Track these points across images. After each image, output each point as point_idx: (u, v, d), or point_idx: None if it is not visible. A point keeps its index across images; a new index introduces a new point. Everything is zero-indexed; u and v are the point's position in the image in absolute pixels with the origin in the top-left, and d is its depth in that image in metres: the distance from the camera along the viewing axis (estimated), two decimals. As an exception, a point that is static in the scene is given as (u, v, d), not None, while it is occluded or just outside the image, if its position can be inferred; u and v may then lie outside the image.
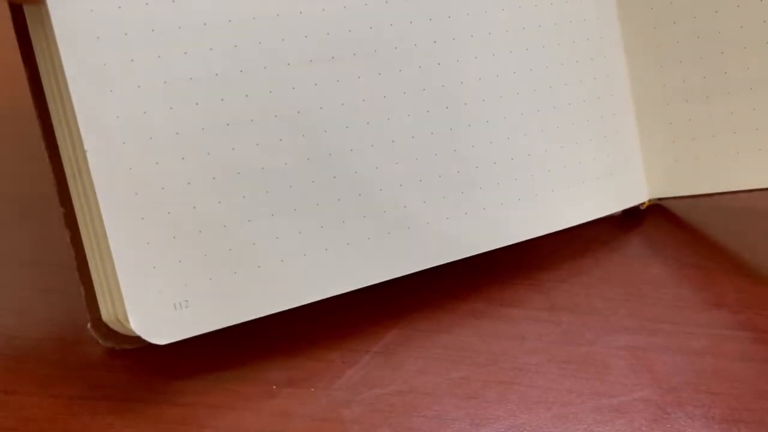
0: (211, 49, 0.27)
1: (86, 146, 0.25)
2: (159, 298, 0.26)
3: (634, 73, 0.36)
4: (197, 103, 0.27)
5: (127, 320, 0.26)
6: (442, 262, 0.31)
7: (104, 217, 0.25)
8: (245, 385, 0.29)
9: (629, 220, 0.38)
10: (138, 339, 0.26)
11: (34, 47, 0.27)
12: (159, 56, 0.26)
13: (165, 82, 0.26)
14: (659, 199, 0.38)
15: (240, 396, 0.28)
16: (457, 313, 0.32)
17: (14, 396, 0.27)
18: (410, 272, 0.31)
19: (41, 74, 0.27)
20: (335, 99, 0.29)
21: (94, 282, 0.28)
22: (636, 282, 0.34)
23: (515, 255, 0.34)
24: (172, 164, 0.27)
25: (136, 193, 0.26)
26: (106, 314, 0.28)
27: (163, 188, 0.26)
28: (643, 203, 0.37)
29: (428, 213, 0.31)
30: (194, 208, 0.27)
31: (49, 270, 0.32)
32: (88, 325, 0.28)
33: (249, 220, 0.28)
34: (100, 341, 0.29)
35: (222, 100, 0.27)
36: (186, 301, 0.27)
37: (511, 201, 0.33)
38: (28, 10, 0.26)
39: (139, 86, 0.26)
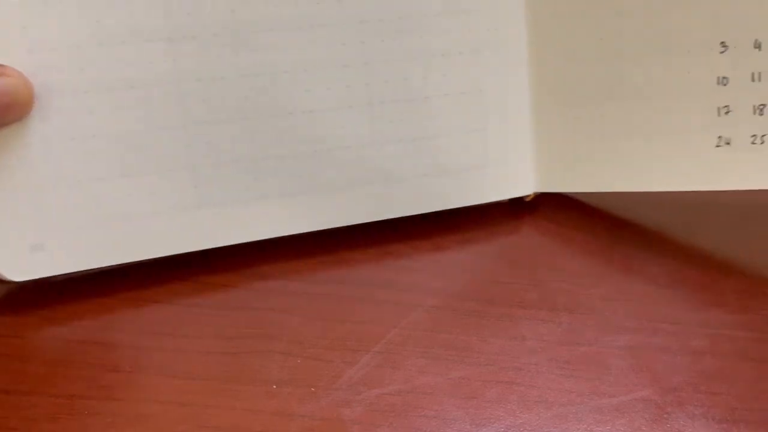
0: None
1: None
2: (17, 240, 0.31)
3: (534, 67, 0.37)
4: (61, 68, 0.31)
5: None
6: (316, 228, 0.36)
7: None
8: (245, 385, 0.29)
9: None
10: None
11: None
12: None
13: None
14: (548, 193, 0.39)
15: (240, 396, 0.28)
16: (458, 312, 0.32)
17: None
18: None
19: None
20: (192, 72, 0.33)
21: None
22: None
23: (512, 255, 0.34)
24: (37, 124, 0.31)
25: None
26: None
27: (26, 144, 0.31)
28: (528, 195, 0.39)
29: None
30: (49, 163, 0.31)
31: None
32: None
33: (100, 179, 0.32)
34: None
35: (82, 70, 0.31)
36: (41, 244, 0.32)
37: (394, 178, 0.36)
38: None
39: None
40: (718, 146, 0.34)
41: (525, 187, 0.38)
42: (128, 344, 0.31)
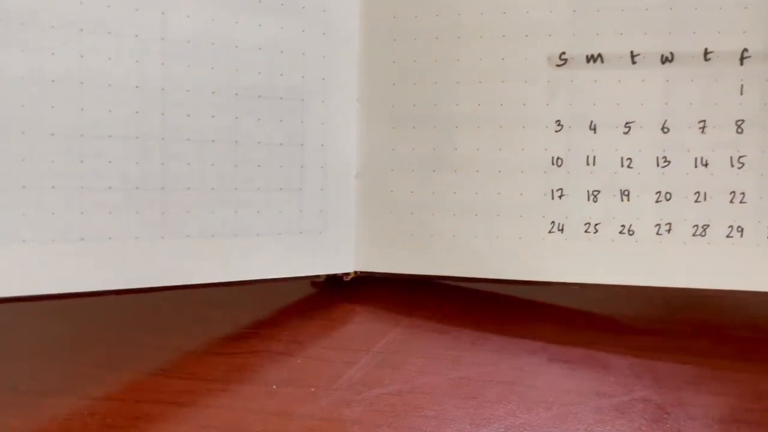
0: None
1: None
2: None
3: (364, 128, 0.33)
4: None
5: None
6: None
7: None
8: (245, 385, 0.29)
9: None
10: None
11: None
12: None
13: None
14: (368, 272, 0.34)
15: (240, 396, 0.28)
16: (456, 308, 0.33)
17: None
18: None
19: None
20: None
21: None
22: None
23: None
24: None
25: None
26: None
27: None
28: (347, 273, 0.34)
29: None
30: None
31: None
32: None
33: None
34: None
35: (23, 105, 0.27)
36: None
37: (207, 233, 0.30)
38: None
39: None
40: (551, 232, 0.32)
41: (345, 264, 0.34)
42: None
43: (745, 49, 0.30)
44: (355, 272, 0.34)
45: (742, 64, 0.30)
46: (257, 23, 0.31)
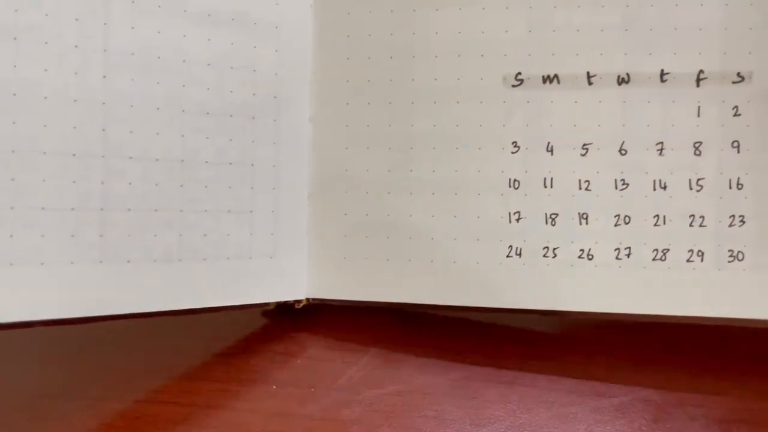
0: None
1: None
2: None
3: (317, 148, 0.32)
4: None
5: None
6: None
7: None
8: (245, 385, 0.29)
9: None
10: None
11: None
12: None
13: None
14: (320, 299, 0.32)
15: (240, 396, 0.28)
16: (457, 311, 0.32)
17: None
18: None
19: None
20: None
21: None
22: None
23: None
24: None
25: None
26: None
27: None
28: (299, 301, 0.32)
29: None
30: None
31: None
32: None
33: None
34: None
35: None
36: None
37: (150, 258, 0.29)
38: None
39: None
40: (508, 256, 0.31)
41: (296, 291, 0.32)
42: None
43: (701, 71, 0.30)
44: (307, 299, 0.32)
45: (698, 85, 0.30)
46: (207, 37, 0.30)
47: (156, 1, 0.29)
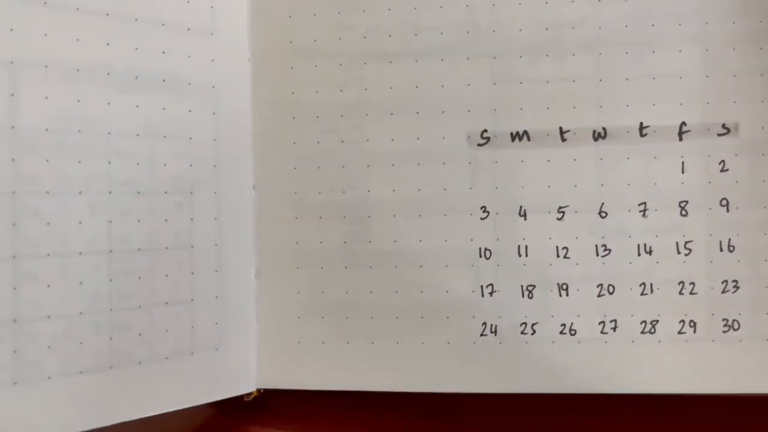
0: None
1: None
2: None
3: (262, 220, 0.29)
4: None
5: None
6: None
7: None
8: None
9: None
10: None
11: None
12: None
13: None
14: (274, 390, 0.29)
15: None
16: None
17: None
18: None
19: None
20: None
21: None
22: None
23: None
24: None
25: None
26: None
27: None
28: (249, 393, 0.29)
29: None
30: None
31: None
32: None
33: None
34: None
35: None
36: None
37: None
38: None
39: None
40: (483, 335, 0.28)
41: (245, 384, 0.29)
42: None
43: (684, 123, 0.27)
44: (258, 390, 0.29)
45: (681, 139, 0.27)
46: (134, 104, 0.26)
47: (73, 64, 0.25)
